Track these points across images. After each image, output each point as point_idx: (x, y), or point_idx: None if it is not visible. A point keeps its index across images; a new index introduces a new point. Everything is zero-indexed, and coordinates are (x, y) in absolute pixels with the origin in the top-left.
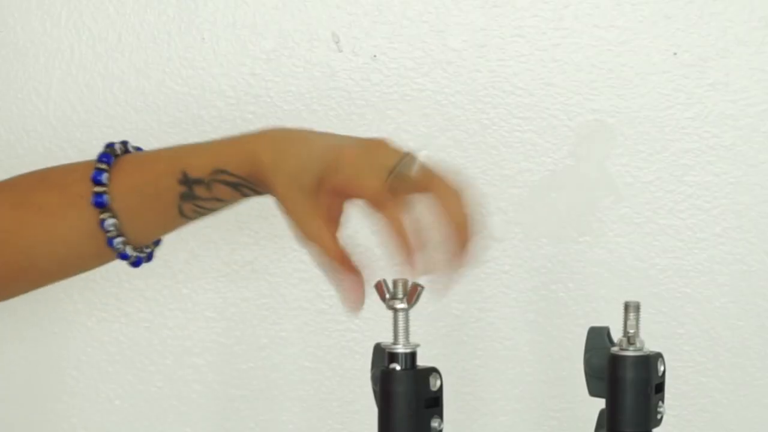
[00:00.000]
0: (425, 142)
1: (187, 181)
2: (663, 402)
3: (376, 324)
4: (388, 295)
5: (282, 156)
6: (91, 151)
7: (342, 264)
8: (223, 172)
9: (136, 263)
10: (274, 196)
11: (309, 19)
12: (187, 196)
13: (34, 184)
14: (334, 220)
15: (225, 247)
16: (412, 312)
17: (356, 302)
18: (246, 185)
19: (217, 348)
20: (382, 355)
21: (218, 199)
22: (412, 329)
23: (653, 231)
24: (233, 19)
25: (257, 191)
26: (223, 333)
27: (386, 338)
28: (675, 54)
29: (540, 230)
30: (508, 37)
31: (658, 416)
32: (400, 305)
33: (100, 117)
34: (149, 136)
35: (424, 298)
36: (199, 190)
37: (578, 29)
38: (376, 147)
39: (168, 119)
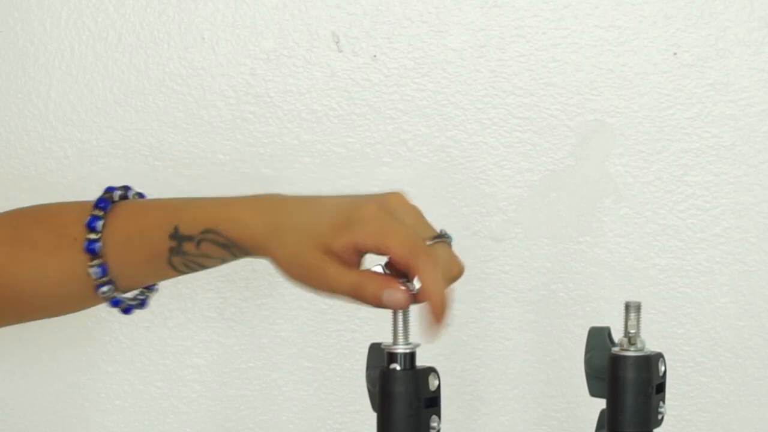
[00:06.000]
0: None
1: (177, 237)
2: (664, 402)
3: (375, 324)
4: None
5: (281, 219)
6: (91, 151)
7: (376, 288)
8: (213, 232)
9: (126, 311)
10: (275, 258)
11: (309, 19)
12: (177, 251)
13: (31, 221)
14: (355, 265)
15: None
16: (412, 312)
17: (410, 300)
18: (235, 247)
19: (217, 348)
20: (379, 355)
21: (207, 257)
22: (411, 329)
23: (653, 231)
24: (233, 19)
25: (248, 254)
26: (223, 333)
27: (385, 338)
28: (675, 54)
29: (540, 230)
30: (508, 37)
31: (659, 416)
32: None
33: (100, 117)
34: (149, 136)
35: None
36: (188, 247)
37: (578, 29)
38: (395, 205)
39: (168, 119)
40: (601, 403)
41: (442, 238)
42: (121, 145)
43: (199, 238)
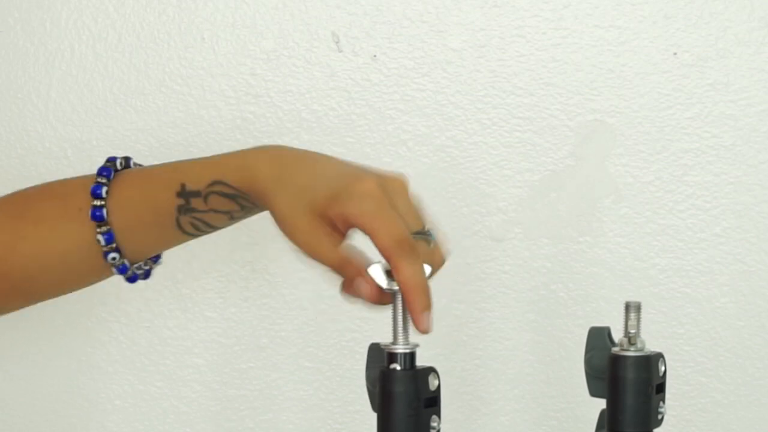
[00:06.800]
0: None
1: (184, 194)
2: (664, 402)
3: (375, 324)
4: (385, 282)
5: (285, 172)
6: (91, 151)
7: (354, 273)
8: (220, 183)
9: (131, 279)
10: (273, 210)
11: (309, 19)
12: (185, 209)
13: (34, 196)
14: (340, 234)
15: (225, 247)
16: None
17: (376, 296)
18: (242, 197)
19: (217, 348)
20: (379, 355)
21: (215, 211)
22: (411, 329)
23: (653, 231)
24: (233, 19)
25: (255, 205)
26: (223, 333)
27: (385, 338)
28: (675, 54)
29: (540, 230)
30: (508, 37)
31: (659, 416)
32: (397, 286)
33: (100, 117)
34: (149, 136)
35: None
36: (197, 203)
37: (578, 29)
38: (395, 189)
39: (168, 119)
40: (601, 403)
41: (424, 235)
42: (121, 145)
43: (206, 192)
